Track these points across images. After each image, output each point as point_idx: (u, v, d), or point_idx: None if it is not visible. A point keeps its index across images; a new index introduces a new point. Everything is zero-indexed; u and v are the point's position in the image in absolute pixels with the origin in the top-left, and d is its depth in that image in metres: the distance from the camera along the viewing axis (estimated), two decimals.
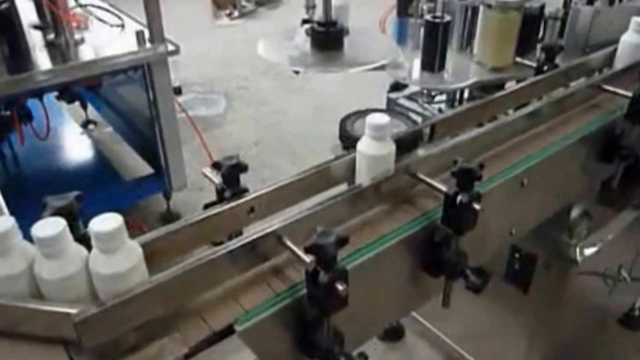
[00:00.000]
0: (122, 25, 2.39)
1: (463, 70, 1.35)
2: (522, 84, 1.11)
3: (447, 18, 1.26)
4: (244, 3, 6.20)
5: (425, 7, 1.62)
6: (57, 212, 0.65)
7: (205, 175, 0.84)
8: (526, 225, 1.11)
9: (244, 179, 0.80)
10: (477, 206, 0.78)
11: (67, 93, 2.69)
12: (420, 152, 0.94)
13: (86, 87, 2.67)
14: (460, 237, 0.84)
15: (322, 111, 3.83)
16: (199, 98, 4.09)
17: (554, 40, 1.39)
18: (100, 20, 2.29)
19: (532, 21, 1.41)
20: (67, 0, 2.15)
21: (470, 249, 0.99)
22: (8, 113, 2.18)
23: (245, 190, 0.80)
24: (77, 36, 2.23)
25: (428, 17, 1.26)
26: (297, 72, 1.54)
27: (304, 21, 1.46)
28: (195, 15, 5.95)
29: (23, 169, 2.47)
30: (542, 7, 1.42)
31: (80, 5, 2.23)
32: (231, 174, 0.78)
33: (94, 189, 2.36)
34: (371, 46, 1.53)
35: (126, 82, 2.54)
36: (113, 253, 0.61)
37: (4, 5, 1.93)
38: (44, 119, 2.23)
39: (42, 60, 2.08)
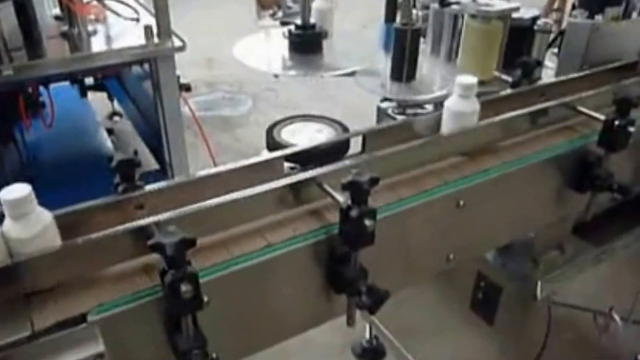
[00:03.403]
0: (137, 20, 2.51)
1: (437, 81, 1.35)
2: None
3: (417, 25, 1.26)
4: (289, 4, 6.32)
5: (420, 13, 1.63)
6: None
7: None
8: (468, 252, 1.09)
9: None
10: (368, 222, 0.78)
11: (81, 83, 2.89)
12: (346, 162, 0.95)
13: (97, 79, 2.81)
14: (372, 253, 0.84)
15: (349, 119, 3.87)
16: (226, 97, 4.22)
17: (541, 54, 1.36)
18: (114, 12, 2.42)
19: (521, 33, 1.38)
20: None
21: (395, 269, 0.99)
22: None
23: (139, 187, 0.84)
24: (90, 28, 2.36)
25: (397, 23, 1.27)
26: (276, 76, 1.58)
27: (282, 23, 1.50)
28: (239, 15, 6.12)
29: (32, 155, 2.63)
30: (535, 19, 1.39)
31: None
32: (124, 169, 0.83)
33: (94, 179, 2.48)
34: (352, 51, 1.55)
35: (141, 77, 2.66)
36: (21, 219, 0.69)
37: None
38: (49, 108, 2.39)
39: (51, 49, 2.23)
